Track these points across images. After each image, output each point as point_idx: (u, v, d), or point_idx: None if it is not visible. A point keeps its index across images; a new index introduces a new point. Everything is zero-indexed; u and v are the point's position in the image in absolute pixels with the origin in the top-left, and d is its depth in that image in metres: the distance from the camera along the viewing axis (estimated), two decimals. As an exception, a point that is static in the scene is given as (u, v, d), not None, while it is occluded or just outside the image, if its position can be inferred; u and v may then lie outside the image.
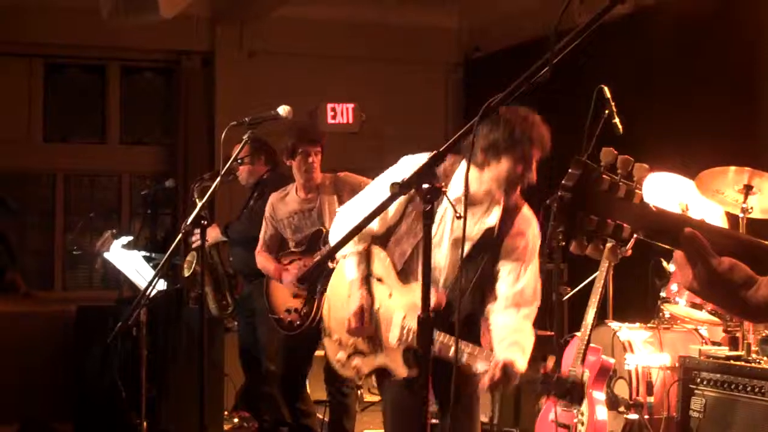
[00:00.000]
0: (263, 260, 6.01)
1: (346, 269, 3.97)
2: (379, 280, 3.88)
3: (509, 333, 3.69)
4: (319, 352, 6.17)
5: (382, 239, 3.89)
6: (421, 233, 3.52)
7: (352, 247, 3.87)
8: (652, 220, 1.75)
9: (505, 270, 3.76)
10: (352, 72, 9.32)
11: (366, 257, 3.91)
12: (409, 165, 3.73)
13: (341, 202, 5.85)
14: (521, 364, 3.57)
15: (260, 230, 6.00)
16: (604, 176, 1.72)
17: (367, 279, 3.90)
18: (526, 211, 3.87)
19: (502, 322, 3.73)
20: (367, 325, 3.81)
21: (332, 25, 9.14)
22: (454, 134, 2.54)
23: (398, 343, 3.77)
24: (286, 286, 5.84)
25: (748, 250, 1.78)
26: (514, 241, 3.77)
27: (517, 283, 3.76)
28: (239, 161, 6.34)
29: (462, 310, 3.64)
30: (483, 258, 3.73)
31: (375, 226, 3.83)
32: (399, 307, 3.79)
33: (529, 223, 3.84)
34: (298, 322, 5.84)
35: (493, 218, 3.76)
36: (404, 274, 3.81)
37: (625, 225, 1.72)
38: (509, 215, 3.78)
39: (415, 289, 3.69)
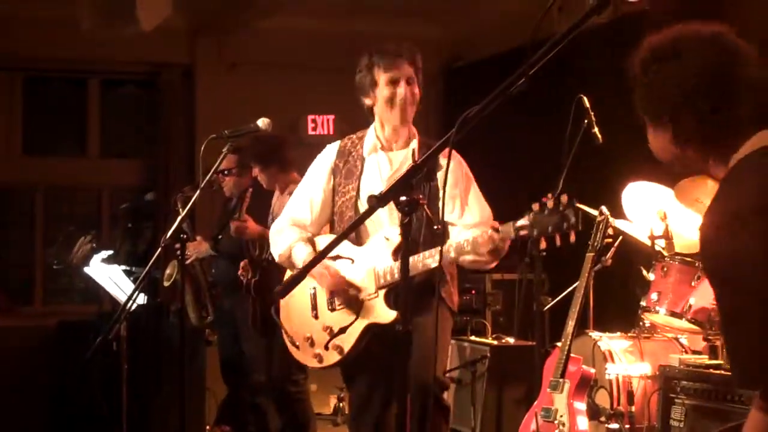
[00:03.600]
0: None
1: (295, 261, 4.18)
2: (335, 258, 4.02)
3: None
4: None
5: (325, 223, 4.24)
6: (351, 192, 4.13)
7: (290, 240, 4.17)
8: None
9: (448, 202, 4.03)
10: (332, 83, 9.28)
11: (310, 242, 4.20)
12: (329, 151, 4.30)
13: None
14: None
15: (244, 243, 5.99)
16: None
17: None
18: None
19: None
20: (348, 288, 4.04)
21: (312, 37, 9.14)
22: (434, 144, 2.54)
23: (375, 291, 3.96)
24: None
25: None
26: (438, 174, 4.07)
27: (464, 215, 4.08)
28: (225, 172, 6.37)
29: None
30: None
31: (306, 214, 4.21)
32: (366, 265, 4.01)
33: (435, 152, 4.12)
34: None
35: (405, 160, 4.10)
36: (357, 238, 4.10)
37: None
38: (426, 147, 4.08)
39: (373, 243, 4.04)
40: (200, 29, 9.16)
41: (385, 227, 4.05)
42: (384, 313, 3.96)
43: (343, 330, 4.01)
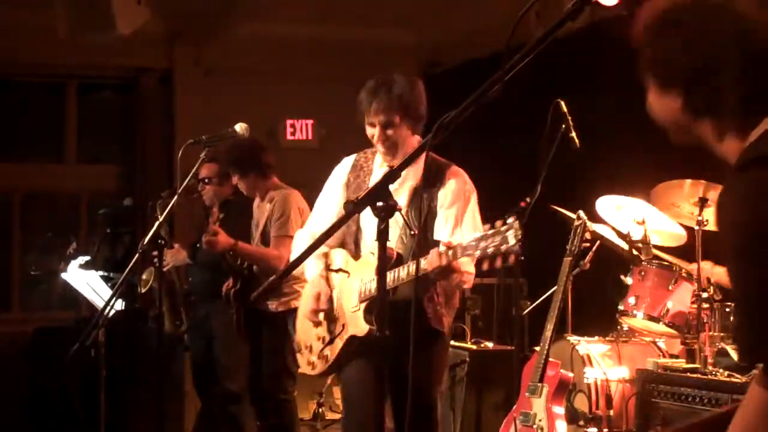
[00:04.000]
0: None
1: (307, 275, 4.25)
2: (342, 271, 4.13)
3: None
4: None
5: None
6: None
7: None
8: None
9: (441, 220, 4.03)
10: (310, 89, 9.32)
11: (324, 256, 4.22)
12: (344, 164, 4.29)
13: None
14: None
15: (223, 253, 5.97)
16: None
17: (326, 273, 4.18)
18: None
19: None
20: (323, 306, 4.09)
21: (290, 43, 9.13)
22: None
23: (358, 305, 4.00)
24: None
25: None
26: (440, 192, 4.07)
27: (454, 235, 3.95)
28: (206, 181, 6.37)
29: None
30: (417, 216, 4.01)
31: (322, 228, 4.05)
32: (355, 279, 4.06)
33: (443, 171, 4.16)
34: None
35: (411, 176, 4.05)
36: (356, 251, 4.16)
37: None
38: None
39: (365, 258, 4.09)
40: (178, 35, 9.14)
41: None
42: (361, 326, 4.00)
43: (330, 341, 4.10)
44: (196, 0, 8.34)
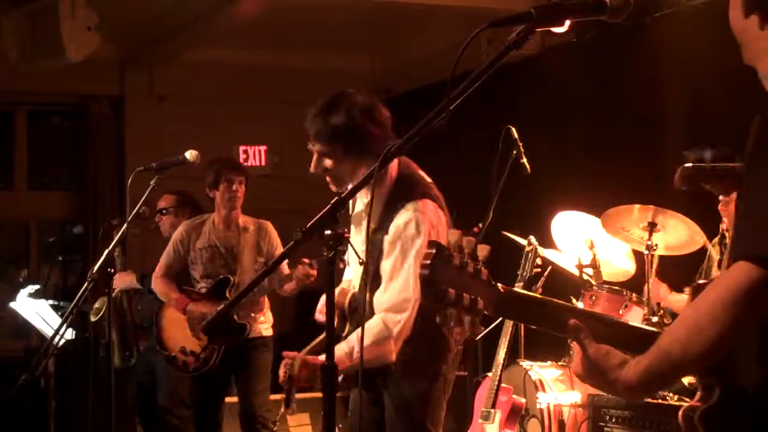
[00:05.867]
0: (164, 286, 5.90)
1: None
2: None
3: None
4: (230, 399, 6.12)
5: None
6: None
7: None
8: (506, 299, 1.94)
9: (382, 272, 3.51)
10: (263, 115, 9.32)
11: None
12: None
13: (260, 254, 5.85)
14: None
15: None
16: (454, 254, 1.86)
17: None
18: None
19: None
20: None
21: (243, 69, 9.12)
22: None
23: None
24: (190, 318, 5.75)
25: (622, 334, 1.97)
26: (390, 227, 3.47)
27: (384, 289, 3.47)
28: (163, 211, 6.35)
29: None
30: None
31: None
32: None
33: (402, 201, 3.50)
34: (192, 367, 5.78)
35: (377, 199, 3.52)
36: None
37: (479, 299, 1.87)
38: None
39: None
40: (129, 61, 9.09)
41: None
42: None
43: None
44: (147, 26, 8.31)
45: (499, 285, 1.93)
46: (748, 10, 1.91)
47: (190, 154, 4.74)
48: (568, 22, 2.27)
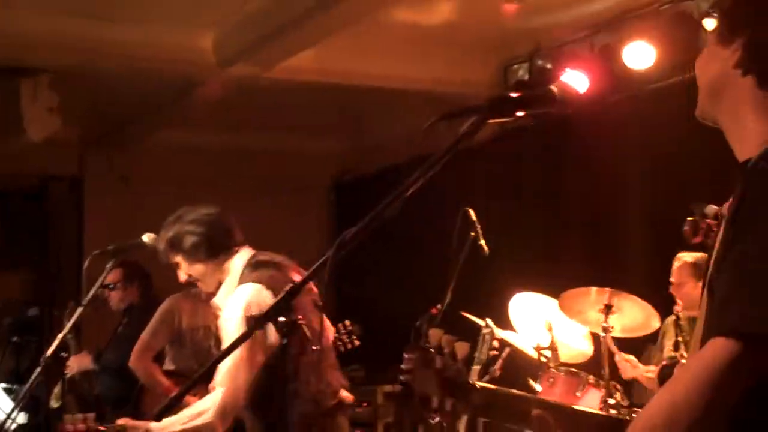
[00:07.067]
0: (152, 372, 5.69)
1: None
2: None
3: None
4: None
5: None
6: None
7: None
8: (483, 399, 1.96)
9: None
10: (225, 198, 9.24)
11: None
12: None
13: None
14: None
15: (129, 358, 5.81)
16: (437, 357, 1.89)
17: None
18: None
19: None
20: None
21: (206, 151, 9.16)
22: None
23: None
24: None
25: (585, 424, 2.01)
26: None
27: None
28: (110, 286, 6.27)
29: None
30: None
31: None
32: None
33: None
34: None
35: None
36: None
37: (459, 404, 1.91)
38: None
39: None
40: (90, 142, 9.11)
41: None
42: None
43: None
44: (109, 109, 8.35)
45: (478, 384, 1.92)
46: (747, 68, 1.84)
47: (148, 237, 4.72)
48: (520, 113, 2.31)
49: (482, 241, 5.28)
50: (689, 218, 3.82)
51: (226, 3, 6.52)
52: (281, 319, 2.48)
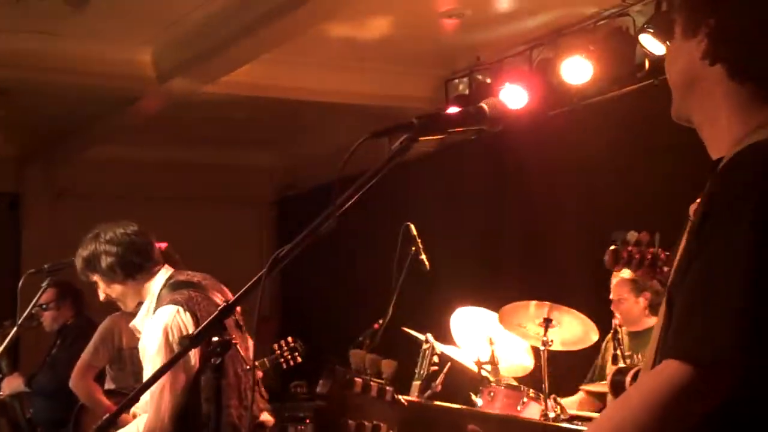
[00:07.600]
0: (93, 392, 5.53)
1: None
2: None
3: None
4: None
5: None
6: None
7: None
8: (410, 415, 1.90)
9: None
10: (165, 212, 9.23)
11: None
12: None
13: None
14: None
15: (63, 380, 5.71)
16: (356, 379, 1.84)
17: None
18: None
19: None
20: None
21: (145, 165, 9.08)
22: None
23: None
24: None
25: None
26: None
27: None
28: (43, 307, 6.17)
29: None
30: None
31: None
32: None
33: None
34: None
35: None
36: None
37: (382, 424, 1.85)
38: None
39: None
40: (28, 158, 8.99)
41: None
42: None
43: None
44: (46, 124, 8.25)
45: (403, 399, 1.89)
46: (714, 57, 1.79)
47: (83, 255, 4.66)
48: (451, 131, 2.31)
49: (423, 256, 5.30)
50: (610, 248, 3.85)
51: (165, 18, 6.48)
52: (214, 338, 2.45)
